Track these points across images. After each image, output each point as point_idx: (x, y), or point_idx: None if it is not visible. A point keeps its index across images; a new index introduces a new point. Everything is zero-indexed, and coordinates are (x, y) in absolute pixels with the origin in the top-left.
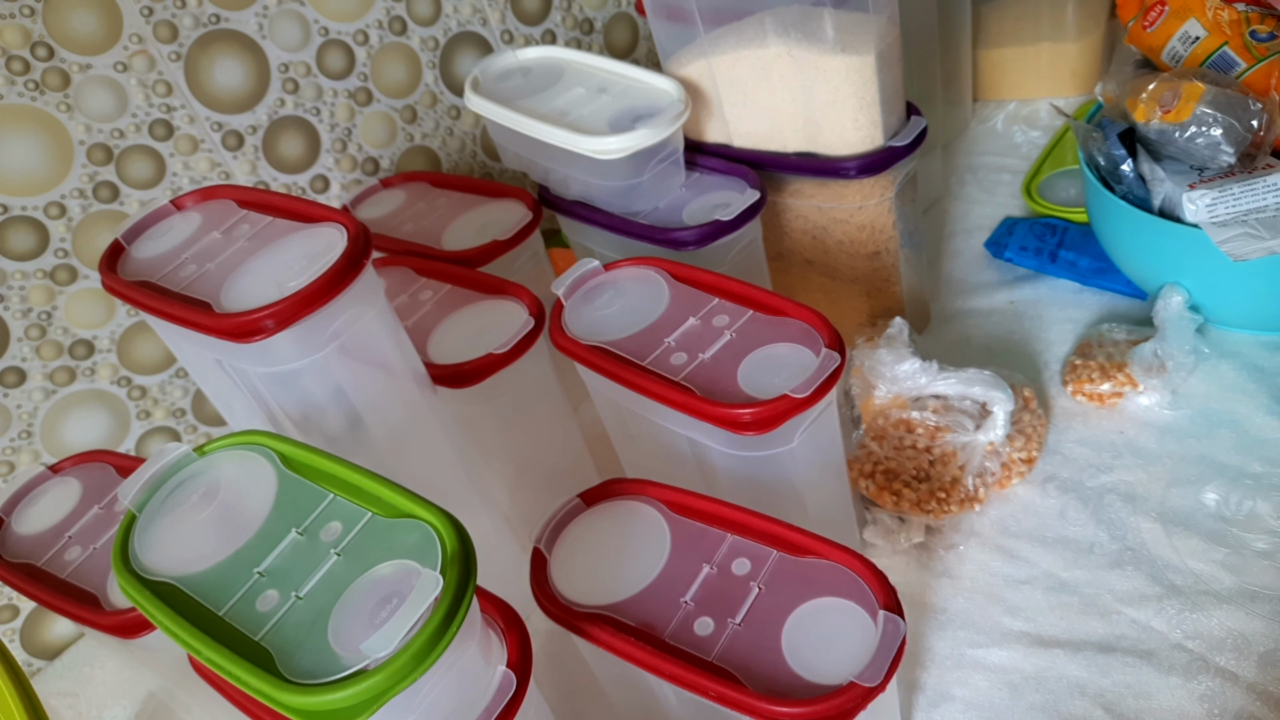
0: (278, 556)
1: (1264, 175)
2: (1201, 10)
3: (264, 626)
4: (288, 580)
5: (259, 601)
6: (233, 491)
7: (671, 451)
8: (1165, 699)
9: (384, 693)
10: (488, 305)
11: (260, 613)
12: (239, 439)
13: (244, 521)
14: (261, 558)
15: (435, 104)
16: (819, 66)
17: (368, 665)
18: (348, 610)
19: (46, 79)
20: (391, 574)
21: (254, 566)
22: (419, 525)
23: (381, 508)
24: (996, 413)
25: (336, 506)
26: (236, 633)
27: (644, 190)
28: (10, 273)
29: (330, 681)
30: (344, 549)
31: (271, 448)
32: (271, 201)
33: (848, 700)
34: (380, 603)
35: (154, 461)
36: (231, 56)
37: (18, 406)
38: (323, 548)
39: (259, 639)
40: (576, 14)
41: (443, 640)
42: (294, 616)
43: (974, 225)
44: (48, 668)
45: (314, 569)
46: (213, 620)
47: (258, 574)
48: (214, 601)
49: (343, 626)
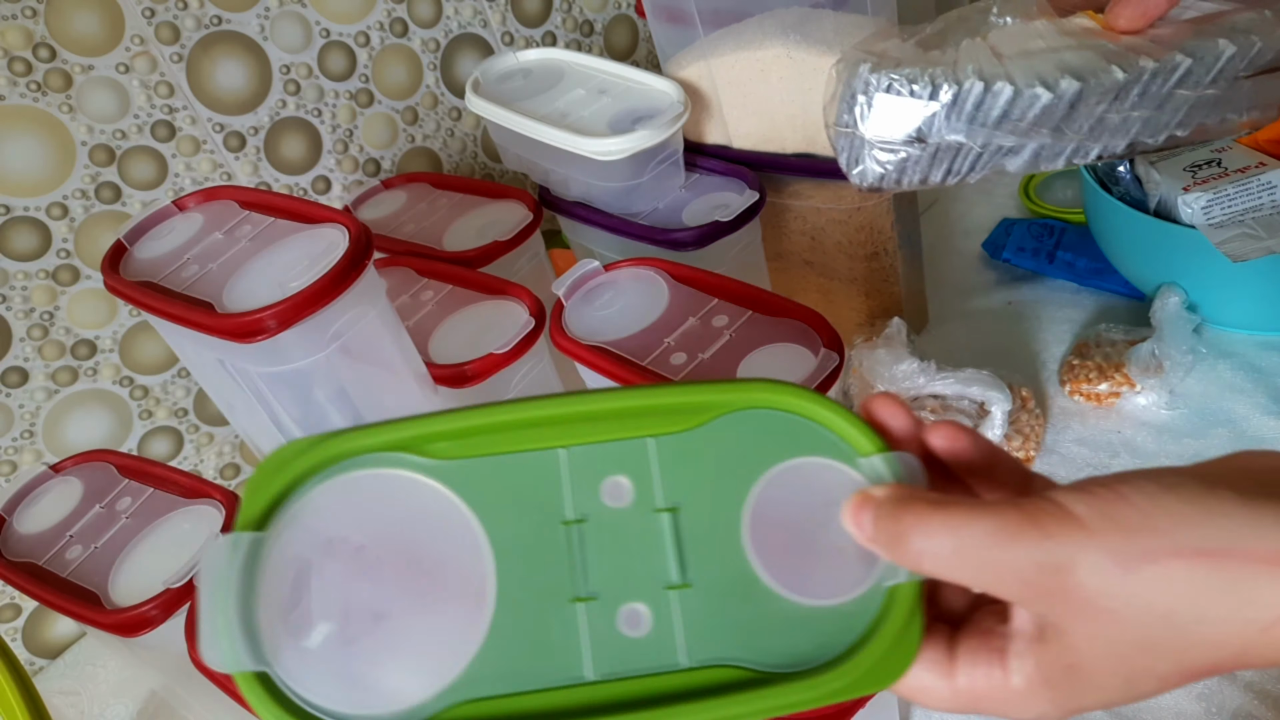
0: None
1: (1258, 174)
2: None
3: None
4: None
5: None
6: None
7: None
8: (1163, 697)
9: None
10: (489, 305)
11: None
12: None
13: None
14: None
15: (436, 105)
16: (818, 68)
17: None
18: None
19: (49, 80)
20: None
21: None
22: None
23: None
24: (994, 413)
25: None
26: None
27: (644, 191)
28: (12, 273)
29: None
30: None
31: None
32: (273, 202)
33: None
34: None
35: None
36: (233, 58)
37: (20, 406)
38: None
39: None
40: (577, 16)
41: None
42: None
43: (972, 226)
44: (50, 666)
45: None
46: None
47: None
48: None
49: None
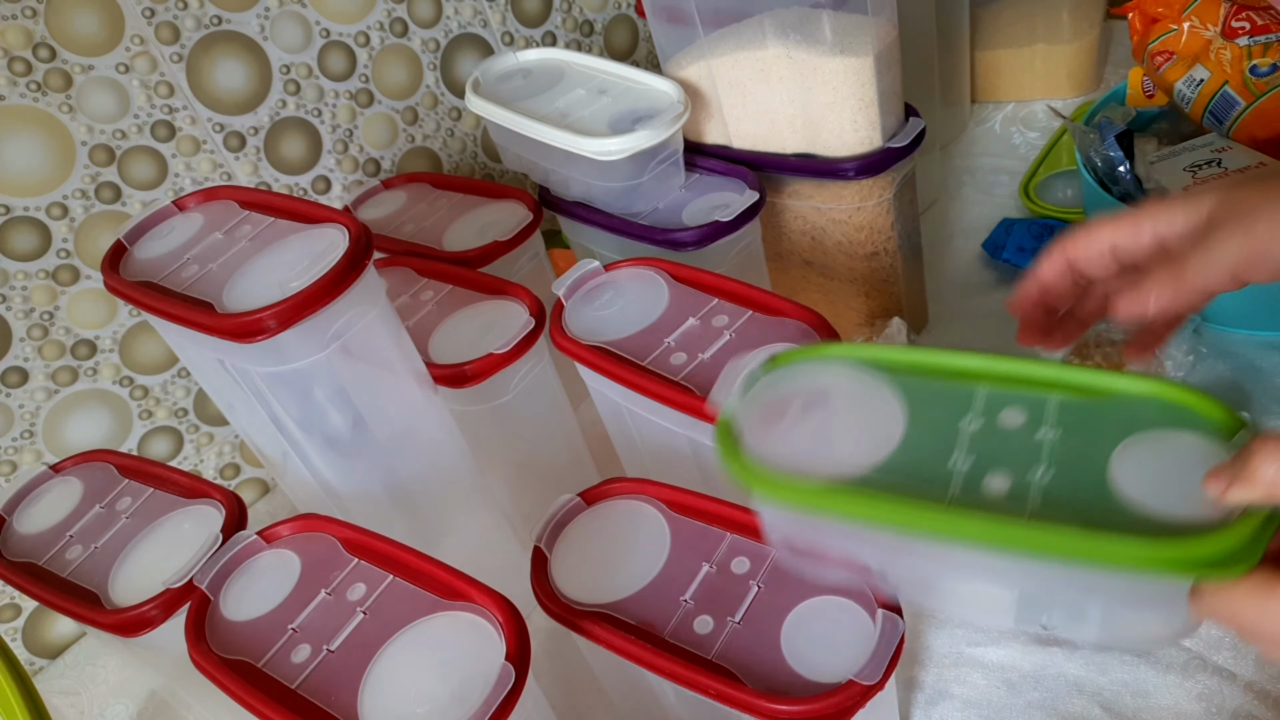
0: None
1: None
2: (1205, 54)
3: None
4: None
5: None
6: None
7: (671, 451)
8: (1163, 697)
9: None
10: (489, 305)
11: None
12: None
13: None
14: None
15: (436, 105)
16: (818, 68)
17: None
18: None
19: (49, 80)
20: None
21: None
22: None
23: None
24: None
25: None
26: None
27: (644, 191)
28: (12, 273)
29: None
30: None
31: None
32: (273, 202)
33: (846, 698)
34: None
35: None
36: (233, 58)
37: (20, 406)
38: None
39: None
40: (577, 16)
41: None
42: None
43: (972, 226)
44: (50, 666)
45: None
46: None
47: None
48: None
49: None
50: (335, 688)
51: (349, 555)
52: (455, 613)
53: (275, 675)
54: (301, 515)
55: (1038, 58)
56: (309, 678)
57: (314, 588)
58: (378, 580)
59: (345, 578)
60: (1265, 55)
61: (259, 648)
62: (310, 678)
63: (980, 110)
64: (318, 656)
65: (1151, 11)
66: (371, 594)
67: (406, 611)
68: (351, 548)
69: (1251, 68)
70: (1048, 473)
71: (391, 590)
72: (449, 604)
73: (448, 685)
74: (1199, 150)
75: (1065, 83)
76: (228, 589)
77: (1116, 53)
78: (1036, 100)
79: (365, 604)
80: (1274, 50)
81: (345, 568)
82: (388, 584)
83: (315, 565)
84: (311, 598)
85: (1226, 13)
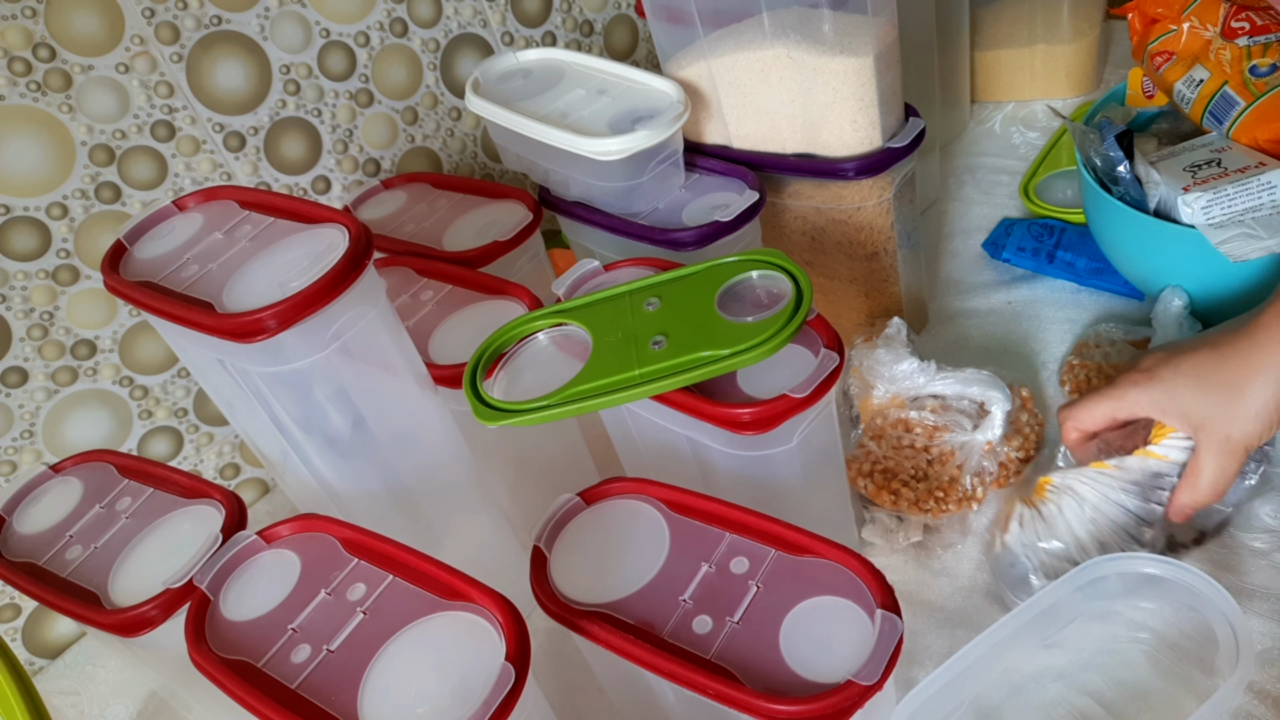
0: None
1: (1257, 174)
2: (1205, 54)
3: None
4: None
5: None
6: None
7: (671, 451)
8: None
9: None
10: (488, 305)
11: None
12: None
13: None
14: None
15: (436, 105)
16: (818, 68)
17: None
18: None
19: (48, 80)
20: None
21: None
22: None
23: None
24: (994, 412)
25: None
26: None
27: (644, 191)
28: (12, 273)
29: None
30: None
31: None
32: (273, 202)
33: (845, 698)
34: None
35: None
36: (233, 58)
37: (20, 406)
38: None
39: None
40: (576, 16)
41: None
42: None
43: (972, 226)
44: (50, 666)
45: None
46: None
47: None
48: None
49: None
50: (335, 688)
51: (349, 555)
52: (455, 613)
53: (275, 675)
54: (301, 515)
55: (1037, 58)
56: (309, 678)
57: (314, 588)
58: (378, 580)
59: (345, 578)
60: (1265, 55)
61: (259, 648)
62: (310, 678)
63: (980, 110)
64: (318, 656)
65: (1151, 12)
66: (371, 594)
67: (406, 611)
68: (351, 548)
69: (1251, 68)
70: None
71: (391, 590)
72: (449, 604)
73: (448, 685)
74: (1199, 150)
75: (1065, 83)
76: (228, 589)
77: (1116, 53)
78: (1036, 100)
79: (365, 604)
80: (1274, 50)
81: (345, 568)
82: (388, 584)
83: (315, 565)
84: (311, 598)
85: (1226, 13)
